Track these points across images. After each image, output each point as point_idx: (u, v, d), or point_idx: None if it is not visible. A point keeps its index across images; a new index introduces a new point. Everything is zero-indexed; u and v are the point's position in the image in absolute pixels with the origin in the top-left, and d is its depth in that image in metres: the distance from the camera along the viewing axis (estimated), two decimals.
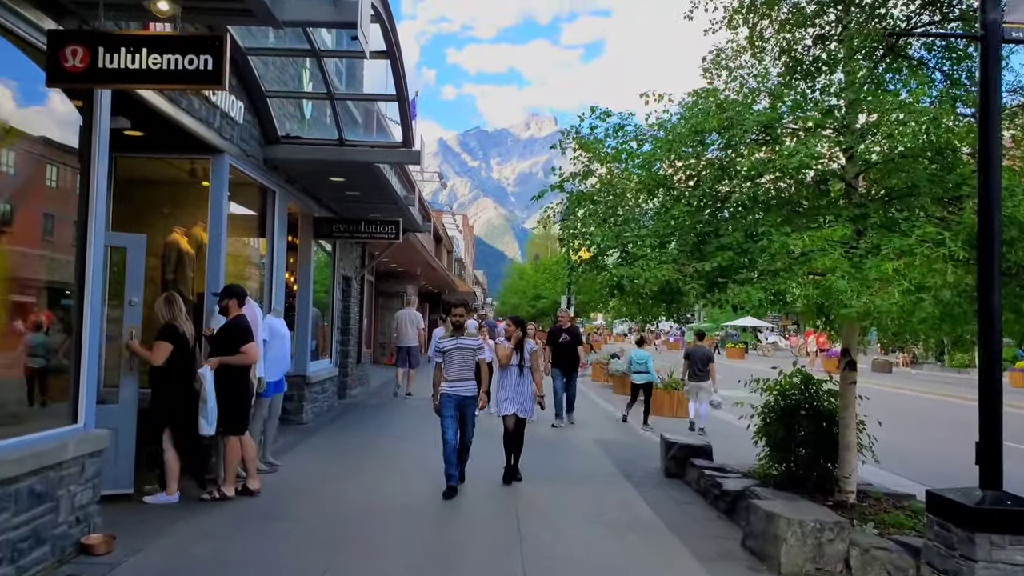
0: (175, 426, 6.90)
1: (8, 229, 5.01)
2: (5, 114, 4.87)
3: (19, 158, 5.09)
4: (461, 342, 7.73)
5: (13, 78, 4.86)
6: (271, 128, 9.03)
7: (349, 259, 15.16)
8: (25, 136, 5.07)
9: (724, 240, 6.05)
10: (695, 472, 8.58)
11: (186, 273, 8.52)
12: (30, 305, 5.34)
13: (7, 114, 4.88)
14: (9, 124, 4.90)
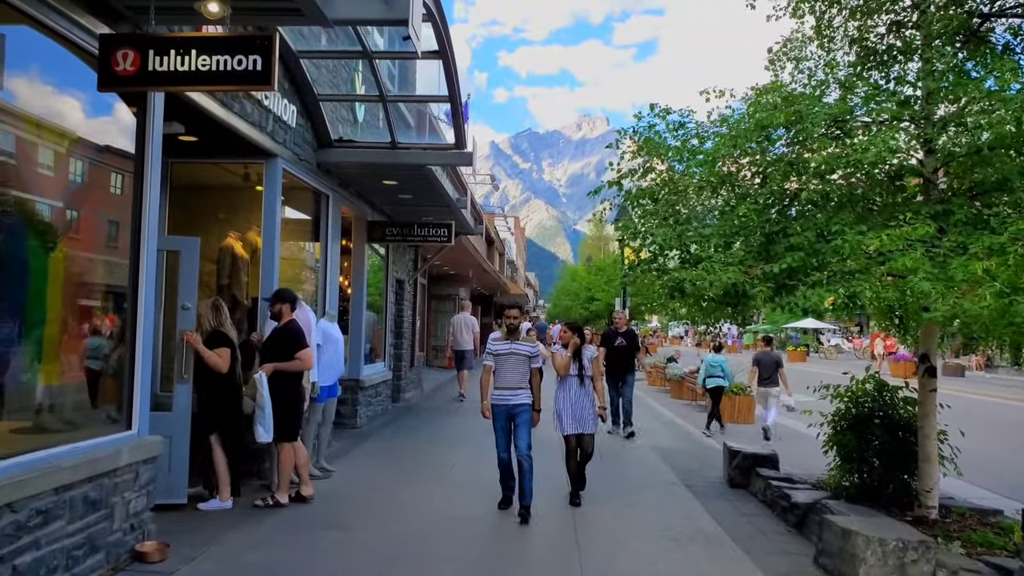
0: (222, 431, 6.85)
1: (66, 233, 5.00)
2: (62, 119, 4.86)
3: (76, 163, 5.08)
4: (516, 347, 7.02)
5: (69, 84, 4.85)
6: (324, 132, 8.98)
7: (402, 262, 15.12)
8: (81, 141, 5.06)
9: (794, 240, 5.72)
10: (761, 482, 8.22)
11: (240, 277, 8.52)
12: (89, 309, 5.33)
13: (64, 119, 4.88)
14: (65, 129, 4.89)
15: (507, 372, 7.01)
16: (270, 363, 6.92)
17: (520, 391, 6.99)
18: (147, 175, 5.44)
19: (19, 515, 4.08)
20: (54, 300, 4.87)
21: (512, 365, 7.01)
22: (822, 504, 6.76)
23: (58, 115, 4.85)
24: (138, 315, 5.40)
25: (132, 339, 5.38)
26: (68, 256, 5.01)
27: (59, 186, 4.96)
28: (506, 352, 7.02)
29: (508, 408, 6.96)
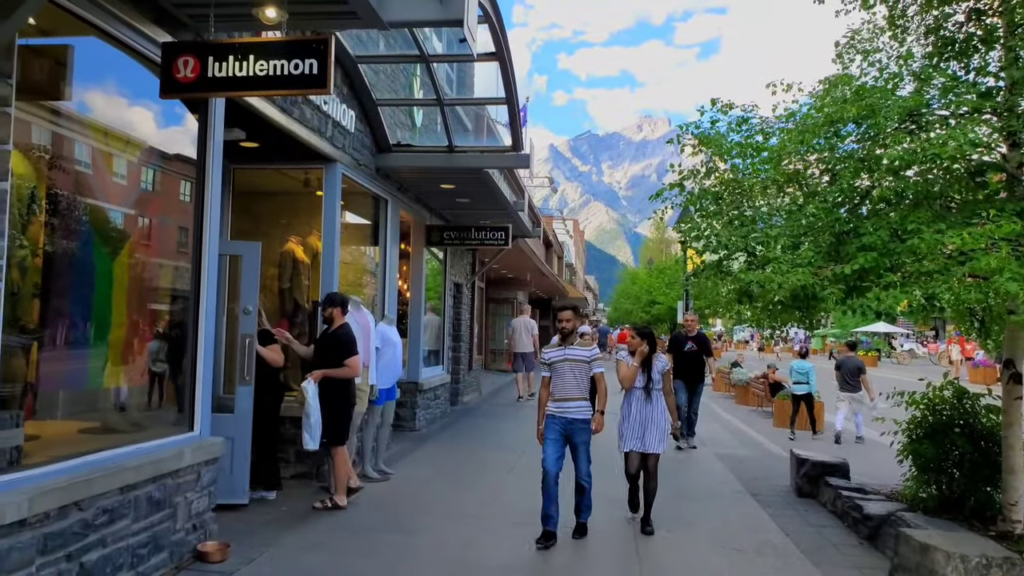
0: (257, 429, 6.96)
1: (132, 238, 5.11)
2: (127, 127, 4.97)
3: (142, 169, 5.19)
4: (570, 352, 6.28)
5: (135, 92, 4.95)
6: (382, 136, 9.03)
7: (460, 266, 15.14)
8: (146, 147, 5.16)
9: (866, 240, 5.45)
10: (830, 492, 7.90)
11: (301, 281, 8.61)
12: (154, 312, 5.44)
13: (129, 127, 4.99)
14: (131, 137, 5.00)
15: (563, 382, 6.25)
16: (319, 370, 6.93)
17: (578, 403, 6.22)
18: (208, 180, 5.53)
19: (86, 513, 4.16)
20: (120, 304, 4.97)
21: (568, 373, 6.25)
22: (897, 516, 6.44)
23: (124, 123, 4.95)
24: (200, 318, 5.48)
25: (194, 342, 5.46)
26: (134, 260, 5.12)
27: (125, 192, 5.06)
28: (559, 359, 6.31)
29: (565, 422, 6.19)
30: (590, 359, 6.35)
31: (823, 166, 6.02)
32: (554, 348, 6.46)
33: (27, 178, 4.10)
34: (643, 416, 6.71)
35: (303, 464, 8.00)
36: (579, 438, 6.22)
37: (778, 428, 14.79)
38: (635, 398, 6.78)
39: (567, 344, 6.37)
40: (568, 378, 6.23)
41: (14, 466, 3.82)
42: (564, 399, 6.20)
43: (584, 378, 6.29)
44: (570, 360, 6.27)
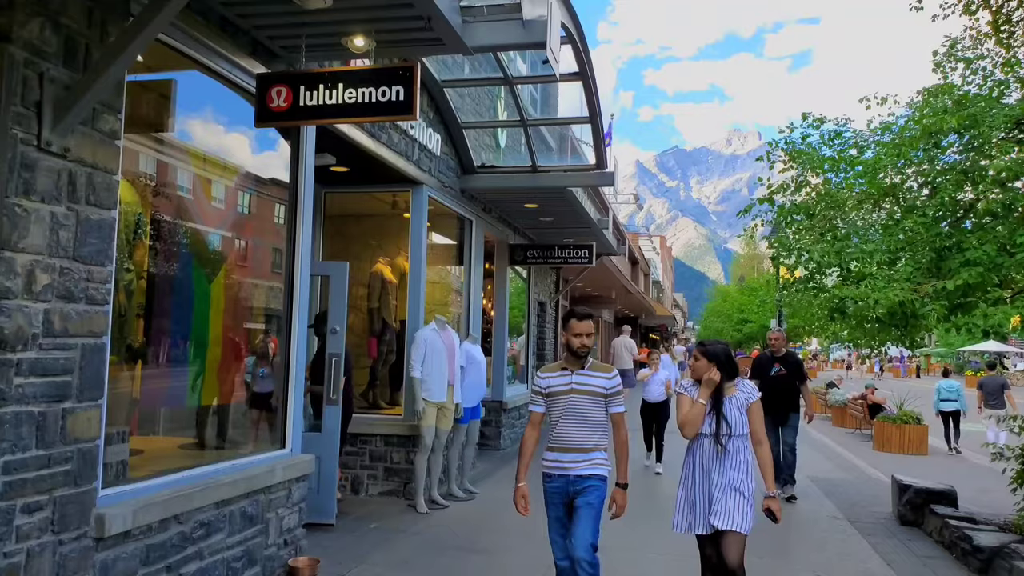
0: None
1: (229, 260, 5.35)
2: (225, 154, 5.23)
3: (239, 194, 5.44)
4: (579, 381, 4.30)
5: (233, 121, 5.21)
6: (467, 158, 9.17)
7: (544, 284, 15.16)
8: (242, 173, 5.41)
9: (970, 255, 5.17)
10: (936, 521, 7.46)
11: (389, 301, 8.80)
12: (248, 332, 5.67)
13: (227, 154, 5.24)
14: (228, 163, 5.25)
15: (566, 423, 4.30)
16: None
17: (588, 455, 4.30)
18: (300, 204, 5.73)
19: (184, 527, 4.34)
20: (216, 323, 5.19)
21: (574, 411, 4.28)
22: (1011, 549, 6.02)
23: (221, 150, 5.21)
24: (291, 338, 5.66)
25: (286, 361, 5.64)
26: (230, 281, 5.35)
27: (222, 216, 5.31)
28: (563, 388, 4.32)
29: (567, 482, 4.34)
30: (609, 391, 4.31)
31: (922, 179, 5.76)
32: (555, 372, 4.41)
33: (133, 204, 4.35)
34: (710, 478, 4.45)
35: (391, 482, 8.14)
36: (585, 498, 4.28)
37: (879, 452, 14.14)
38: (701, 450, 4.53)
39: (576, 368, 4.35)
40: (575, 418, 4.27)
41: (120, 479, 4.03)
42: (567, 448, 4.29)
43: (598, 418, 4.31)
44: (579, 391, 4.28)
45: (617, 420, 4.36)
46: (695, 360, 4.65)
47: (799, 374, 9.04)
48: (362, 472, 8.22)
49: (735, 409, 4.45)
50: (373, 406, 8.84)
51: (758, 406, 4.52)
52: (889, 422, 14.17)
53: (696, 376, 4.60)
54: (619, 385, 4.42)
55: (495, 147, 10.71)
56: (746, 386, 4.57)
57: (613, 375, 4.39)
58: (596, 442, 4.32)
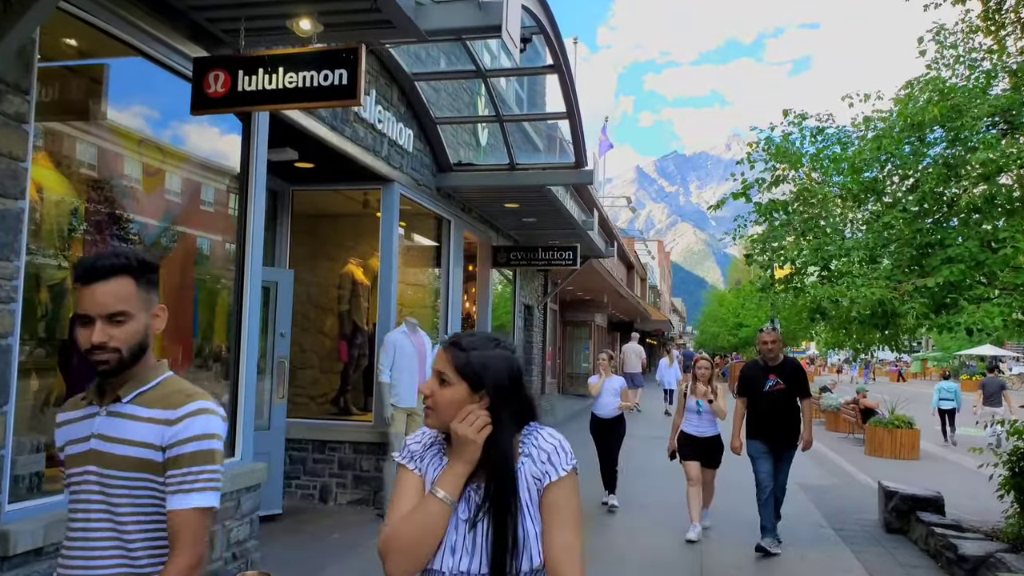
0: None
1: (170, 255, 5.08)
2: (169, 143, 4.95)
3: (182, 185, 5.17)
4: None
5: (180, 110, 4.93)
6: (443, 156, 8.91)
7: (531, 288, 14.89)
8: (187, 164, 5.14)
9: (952, 251, 4.91)
10: (922, 528, 7.19)
11: (360, 304, 8.53)
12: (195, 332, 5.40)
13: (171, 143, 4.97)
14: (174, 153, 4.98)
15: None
16: None
17: None
18: (251, 199, 5.47)
19: None
20: None
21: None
22: (997, 558, 5.74)
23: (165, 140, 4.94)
24: (242, 339, 5.39)
25: (236, 365, 5.37)
26: (172, 278, 5.08)
27: (164, 209, 5.04)
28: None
29: None
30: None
31: (904, 172, 5.48)
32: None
33: (63, 194, 4.09)
34: None
35: (360, 490, 7.86)
36: None
37: (870, 456, 13.88)
38: None
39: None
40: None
41: (34, 492, 3.75)
42: None
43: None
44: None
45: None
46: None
47: (801, 387, 6.80)
48: (331, 480, 7.94)
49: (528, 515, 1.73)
50: (344, 412, 8.56)
51: (568, 494, 1.76)
52: (881, 426, 13.91)
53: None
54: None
55: (475, 145, 10.45)
56: (547, 441, 1.80)
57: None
58: None
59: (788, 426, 6.72)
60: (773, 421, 6.67)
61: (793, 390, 6.73)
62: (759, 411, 6.73)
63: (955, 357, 51.44)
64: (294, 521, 7.19)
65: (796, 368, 6.92)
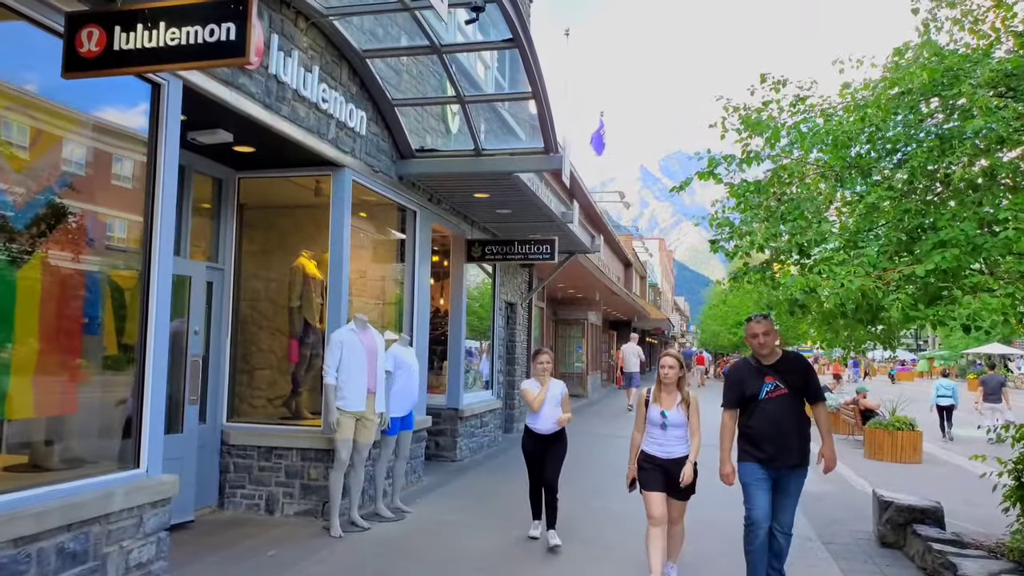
0: None
1: (49, 241, 4.49)
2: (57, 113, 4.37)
3: (79, 161, 4.58)
4: None
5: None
6: (403, 141, 8.30)
7: (513, 284, 14.28)
8: (85, 132, 4.55)
9: (945, 234, 4.28)
10: (919, 543, 6.57)
11: (312, 299, 7.93)
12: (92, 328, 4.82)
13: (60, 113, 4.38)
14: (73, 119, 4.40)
15: None
16: None
17: None
18: (159, 181, 4.88)
19: None
20: (29, 317, 4.31)
21: None
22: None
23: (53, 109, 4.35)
24: (148, 337, 4.80)
25: (141, 364, 4.78)
26: (54, 267, 4.49)
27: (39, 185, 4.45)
28: None
29: None
30: None
31: (889, 146, 4.84)
32: None
33: None
34: None
35: (308, 500, 7.27)
36: None
37: (870, 460, 13.26)
38: None
39: None
40: None
41: None
42: None
43: None
44: None
45: None
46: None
47: (809, 388, 5.23)
48: (277, 490, 7.35)
49: None
50: (296, 416, 7.97)
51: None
52: (881, 428, 13.28)
53: None
54: None
55: (444, 132, 9.85)
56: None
57: None
58: None
59: (794, 442, 5.05)
60: (773, 436, 5.04)
61: (799, 393, 5.16)
62: (754, 425, 5.12)
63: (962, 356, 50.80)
64: (234, 535, 6.61)
65: (800, 365, 5.25)
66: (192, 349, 6.55)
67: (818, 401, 5.31)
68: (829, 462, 5.20)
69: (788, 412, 5.09)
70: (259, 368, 8.28)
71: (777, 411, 5.08)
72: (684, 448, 5.39)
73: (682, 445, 5.39)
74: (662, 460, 5.38)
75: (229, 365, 7.60)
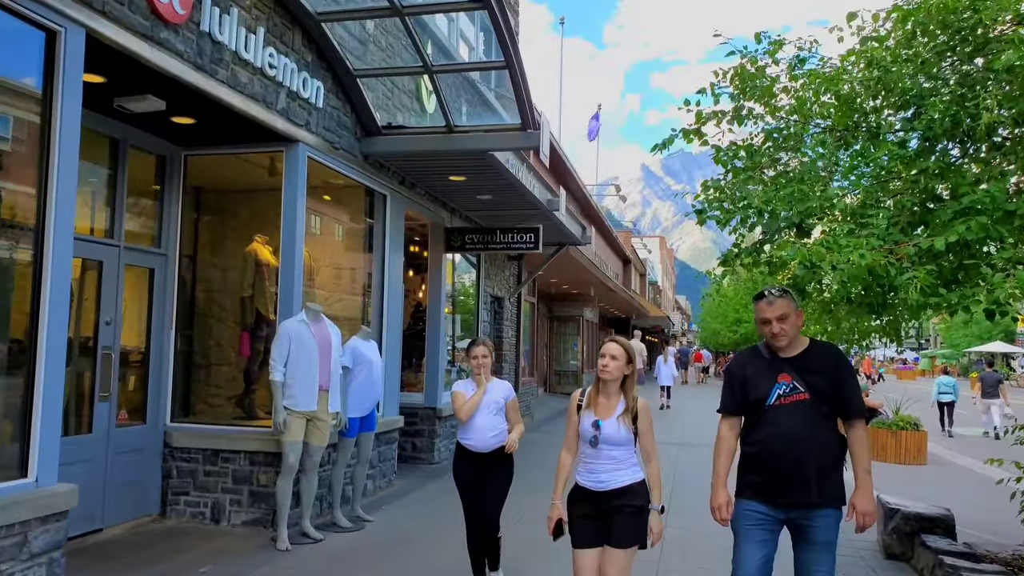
0: None
1: None
2: None
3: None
4: None
5: None
6: (368, 117, 7.62)
7: (500, 277, 13.60)
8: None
9: (969, 199, 3.60)
10: (928, 557, 5.90)
11: (266, 288, 7.27)
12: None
13: None
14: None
15: None
16: None
17: None
18: (54, 146, 4.21)
19: None
20: None
21: None
22: None
23: None
24: (41, 325, 4.14)
25: (31, 360, 4.12)
26: None
27: None
28: None
29: None
30: None
31: (905, 96, 4.12)
32: None
33: None
34: None
35: (257, 509, 6.60)
36: None
37: (873, 461, 12.54)
38: None
39: None
40: None
41: None
42: None
43: None
44: None
45: None
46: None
47: (844, 396, 3.59)
48: (223, 497, 6.69)
49: None
50: (251, 415, 7.31)
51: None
52: (884, 428, 12.59)
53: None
54: None
55: (419, 112, 9.17)
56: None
57: None
58: None
59: (811, 470, 3.46)
60: (781, 460, 3.51)
61: (826, 401, 3.53)
62: (757, 441, 3.60)
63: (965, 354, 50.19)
64: (169, 547, 5.95)
65: (832, 361, 3.62)
66: (103, 341, 5.86)
67: (854, 417, 3.60)
68: (863, 517, 3.52)
69: (807, 425, 3.48)
70: (212, 364, 7.63)
71: (790, 423, 3.49)
72: (625, 476, 3.71)
73: (620, 471, 3.71)
74: (594, 493, 3.73)
75: (174, 360, 6.93)
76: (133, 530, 6.36)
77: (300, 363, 6.14)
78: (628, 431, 3.73)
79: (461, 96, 10.60)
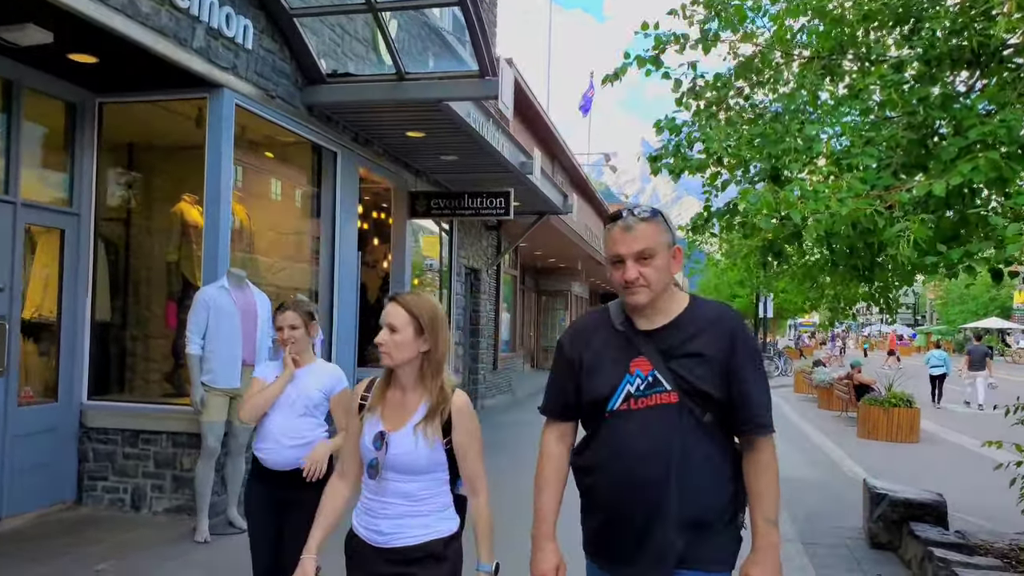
0: None
1: None
2: None
3: None
4: None
5: None
6: (310, 64, 6.88)
7: (477, 248, 12.91)
8: None
9: (977, 132, 2.92)
10: (916, 547, 5.31)
11: (193, 252, 6.58)
12: None
13: None
14: None
15: None
16: None
17: None
18: None
19: None
20: None
21: None
22: None
23: None
24: None
25: None
26: None
27: None
28: None
29: None
30: None
31: (896, 17, 3.42)
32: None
33: None
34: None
35: (181, 495, 5.98)
36: None
37: (864, 439, 12.04)
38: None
39: None
40: None
41: None
42: None
43: None
44: None
45: None
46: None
47: (744, 397, 2.10)
48: (144, 482, 6.06)
49: None
50: (180, 393, 6.65)
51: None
52: (876, 405, 12.04)
53: None
54: None
55: (376, 62, 8.41)
56: None
57: None
58: None
59: (679, 528, 2.08)
60: (627, 509, 2.12)
61: (710, 405, 2.11)
62: (588, 465, 2.23)
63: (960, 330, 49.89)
64: (74, 539, 5.33)
65: (722, 333, 2.12)
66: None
67: (754, 431, 2.13)
68: None
69: (671, 449, 2.08)
70: (136, 336, 6.97)
71: (643, 444, 2.10)
72: (421, 526, 2.34)
73: (416, 519, 2.34)
74: (371, 549, 2.37)
75: (91, 332, 6.26)
76: (40, 519, 5.74)
77: (220, 335, 5.47)
78: (433, 449, 2.31)
79: (428, 50, 9.85)
